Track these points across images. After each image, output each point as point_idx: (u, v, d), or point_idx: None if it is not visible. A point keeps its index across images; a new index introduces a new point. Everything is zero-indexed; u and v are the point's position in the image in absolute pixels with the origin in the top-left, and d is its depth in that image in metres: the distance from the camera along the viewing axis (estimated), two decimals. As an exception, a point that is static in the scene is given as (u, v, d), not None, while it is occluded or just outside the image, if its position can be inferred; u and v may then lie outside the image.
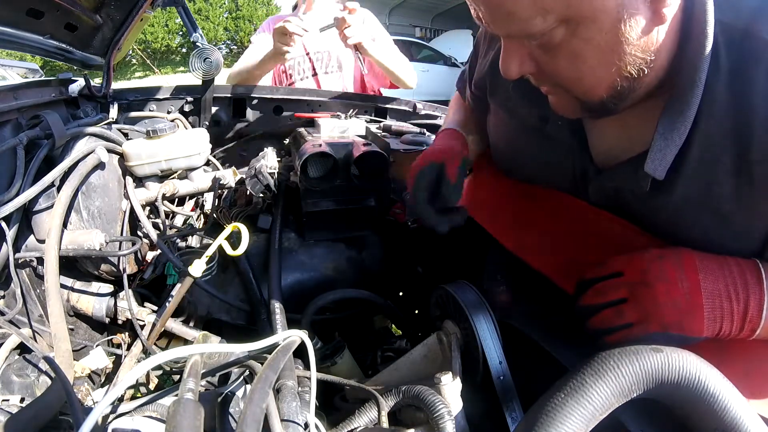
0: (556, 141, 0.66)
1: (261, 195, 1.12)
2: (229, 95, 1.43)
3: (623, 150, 0.58)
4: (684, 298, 0.51)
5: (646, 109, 0.53)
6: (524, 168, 0.76)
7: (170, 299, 0.86)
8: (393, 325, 1.24)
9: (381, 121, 1.38)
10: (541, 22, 0.44)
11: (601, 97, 0.50)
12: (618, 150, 0.59)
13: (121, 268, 0.88)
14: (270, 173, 1.10)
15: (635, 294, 0.55)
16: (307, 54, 1.77)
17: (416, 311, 1.17)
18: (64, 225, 0.82)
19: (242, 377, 0.61)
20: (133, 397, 0.90)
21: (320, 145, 0.98)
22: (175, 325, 0.90)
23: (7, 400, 0.66)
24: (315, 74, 1.78)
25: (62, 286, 0.84)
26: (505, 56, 0.52)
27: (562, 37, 0.45)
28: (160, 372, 1.00)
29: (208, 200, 1.20)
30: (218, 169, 1.23)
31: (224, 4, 14.04)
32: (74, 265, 0.89)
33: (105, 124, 1.05)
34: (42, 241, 0.79)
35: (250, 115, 1.49)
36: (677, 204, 0.54)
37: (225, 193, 1.24)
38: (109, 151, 0.93)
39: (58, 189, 0.81)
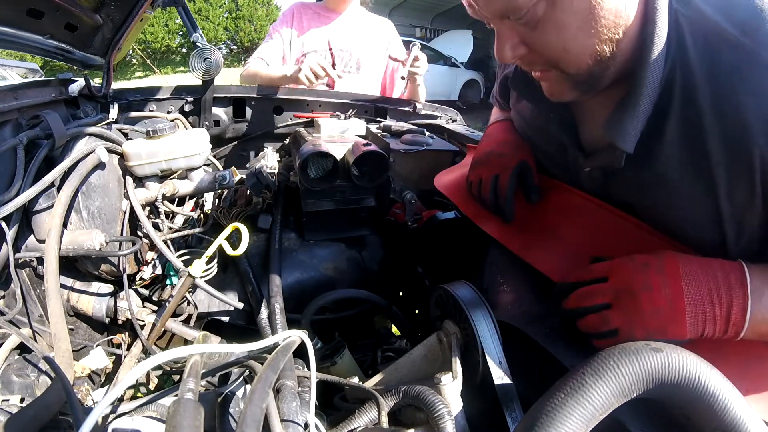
0: (548, 132, 0.73)
1: (261, 195, 1.13)
2: (229, 95, 1.43)
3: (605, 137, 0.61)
4: (667, 306, 0.51)
5: (620, 97, 0.58)
6: (537, 158, 0.82)
7: (170, 299, 0.86)
8: (393, 325, 1.24)
9: (381, 121, 1.38)
10: None
11: (588, 65, 0.54)
12: (602, 138, 0.63)
13: (121, 268, 0.88)
14: (270, 173, 1.10)
15: (620, 300, 0.55)
16: (330, 50, 1.76)
17: (416, 311, 1.17)
18: (64, 225, 0.82)
19: (242, 377, 0.61)
20: (133, 397, 0.90)
21: (320, 145, 0.98)
22: (175, 325, 0.90)
23: (7, 400, 0.66)
24: None
25: (62, 286, 0.84)
26: (498, 43, 0.57)
27: (544, 10, 0.51)
28: (160, 372, 1.00)
29: (208, 200, 1.20)
30: (218, 169, 1.23)
31: (224, 4, 14.02)
32: (74, 265, 0.89)
33: (105, 124, 1.05)
34: (42, 241, 0.79)
35: (250, 115, 1.49)
36: (656, 183, 0.58)
37: (225, 193, 1.24)
38: (109, 151, 0.93)
39: (58, 189, 0.81)
